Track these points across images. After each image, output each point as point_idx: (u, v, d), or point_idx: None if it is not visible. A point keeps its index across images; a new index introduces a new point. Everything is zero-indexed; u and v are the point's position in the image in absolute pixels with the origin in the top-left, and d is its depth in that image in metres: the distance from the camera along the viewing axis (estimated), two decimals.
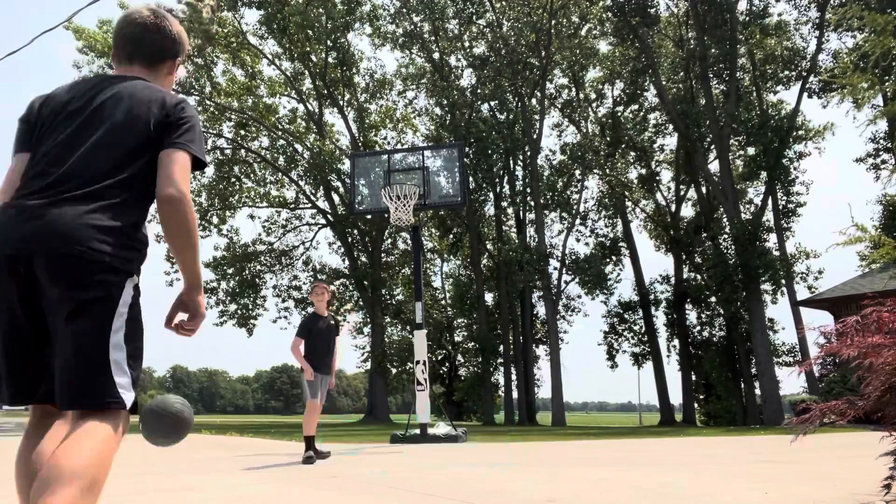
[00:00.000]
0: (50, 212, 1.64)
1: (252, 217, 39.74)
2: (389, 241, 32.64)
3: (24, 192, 1.72)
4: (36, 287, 1.64)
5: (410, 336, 30.48)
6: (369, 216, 26.03)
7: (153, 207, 1.88)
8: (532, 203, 29.60)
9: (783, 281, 25.39)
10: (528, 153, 29.39)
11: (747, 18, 27.32)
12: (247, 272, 30.53)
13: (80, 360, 1.59)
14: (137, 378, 1.68)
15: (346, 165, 26.58)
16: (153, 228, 32.68)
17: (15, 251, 1.63)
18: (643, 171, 33.93)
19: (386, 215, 10.90)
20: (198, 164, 1.85)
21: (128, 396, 1.63)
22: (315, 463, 5.43)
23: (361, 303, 31.34)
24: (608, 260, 32.76)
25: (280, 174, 31.18)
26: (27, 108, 1.93)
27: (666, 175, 34.49)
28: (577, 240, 33.97)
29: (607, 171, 30.34)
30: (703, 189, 30.40)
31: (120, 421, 1.63)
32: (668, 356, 31.57)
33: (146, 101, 1.81)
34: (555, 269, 30.04)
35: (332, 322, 5.99)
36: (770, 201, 27.81)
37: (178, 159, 1.77)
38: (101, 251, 1.64)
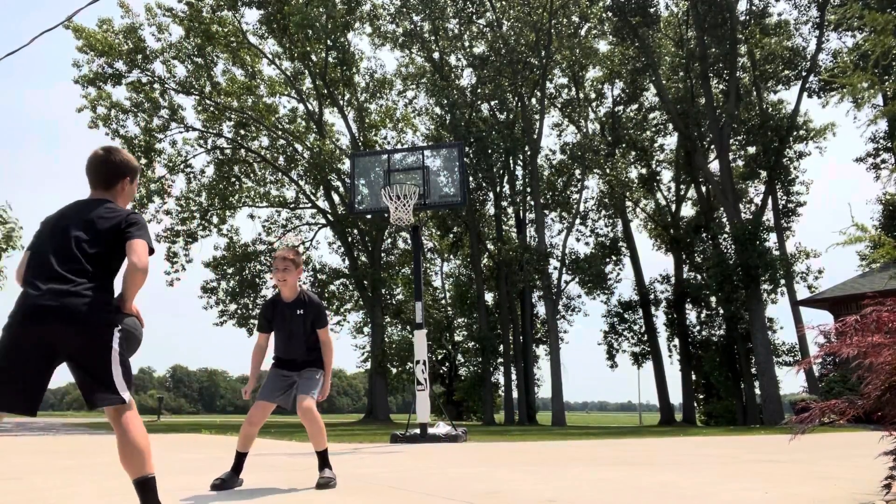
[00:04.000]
0: None
1: (252, 217, 39.89)
2: (389, 241, 32.64)
3: None
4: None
5: (410, 336, 30.48)
6: (369, 216, 26.03)
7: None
8: (532, 203, 29.60)
9: (783, 280, 25.39)
10: (528, 153, 29.39)
11: (747, 18, 27.31)
12: (247, 272, 30.51)
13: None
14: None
15: (346, 165, 26.58)
16: (153, 228, 32.63)
17: None
18: (643, 171, 33.94)
19: (386, 215, 10.90)
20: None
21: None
22: (225, 489, 3.74)
23: (361, 303, 31.37)
24: (608, 260, 32.75)
25: (280, 174, 31.17)
26: None
27: (666, 175, 34.52)
28: (577, 240, 34.00)
29: (607, 170, 30.34)
30: (703, 189, 30.41)
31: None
32: (669, 356, 31.60)
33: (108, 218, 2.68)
34: (555, 268, 30.05)
35: (307, 304, 4.10)
36: (770, 201, 27.81)
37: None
38: None
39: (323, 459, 3.97)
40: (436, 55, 29.98)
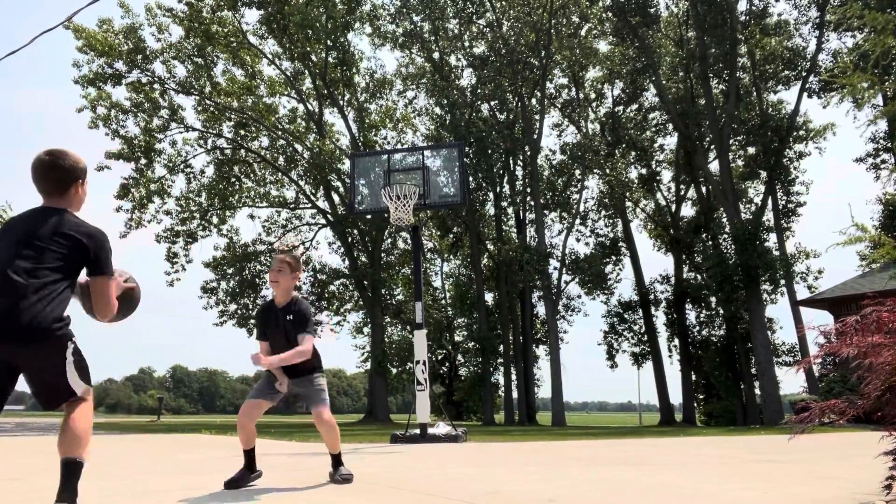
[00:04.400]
0: None
1: (252, 217, 39.87)
2: (389, 241, 32.63)
3: None
4: None
5: (410, 336, 30.48)
6: (369, 216, 26.03)
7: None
8: (532, 203, 29.60)
9: (783, 281, 25.40)
10: (528, 153, 29.39)
11: (747, 18, 27.31)
12: (247, 272, 30.51)
13: None
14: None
15: (346, 165, 26.58)
16: (153, 229, 32.56)
17: None
18: (643, 171, 33.94)
19: (386, 215, 10.90)
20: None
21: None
22: (239, 487, 3.79)
23: (361, 303, 31.36)
24: (608, 260, 32.77)
25: (280, 174, 31.17)
26: None
27: (666, 175, 34.53)
28: (577, 240, 34.01)
29: (607, 171, 30.35)
30: (703, 189, 30.41)
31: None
32: (669, 356, 31.59)
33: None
34: (555, 269, 30.07)
35: (295, 311, 4.00)
36: (770, 201, 27.81)
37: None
38: None
39: (337, 460, 4.13)
40: (436, 55, 29.98)
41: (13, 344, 2.35)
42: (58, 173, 2.64)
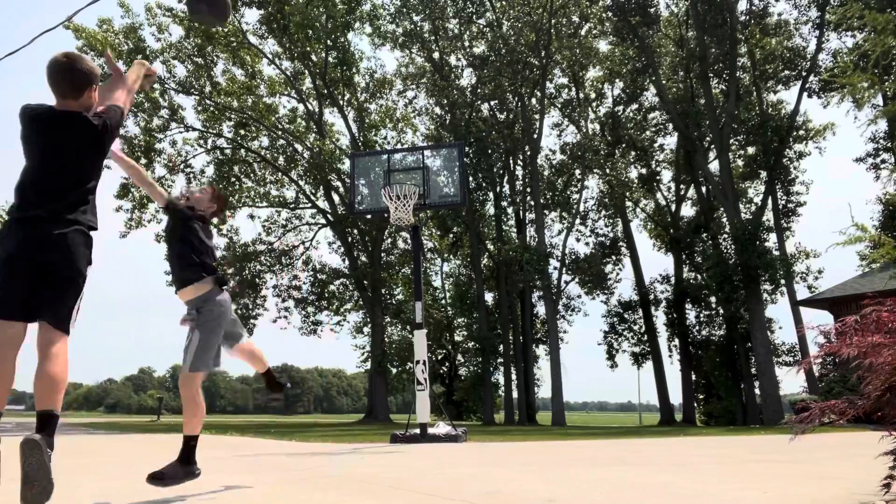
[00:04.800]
0: None
1: (252, 217, 39.82)
2: (389, 241, 32.63)
3: None
4: None
5: (410, 336, 30.48)
6: (369, 216, 26.02)
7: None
8: (532, 203, 29.60)
9: (783, 281, 25.40)
10: (528, 153, 29.38)
11: (747, 18, 27.31)
12: (247, 272, 30.51)
13: None
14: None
15: (346, 165, 26.57)
16: (153, 228, 32.54)
17: None
18: (643, 171, 33.93)
19: (386, 215, 10.90)
20: None
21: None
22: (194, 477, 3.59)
23: (361, 303, 31.35)
24: (608, 260, 32.76)
25: (280, 174, 31.16)
26: None
27: (666, 175, 34.52)
28: (577, 240, 34.00)
29: (607, 170, 30.34)
30: (703, 189, 30.40)
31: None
32: (669, 356, 31.59)
33: None
34: (555, 269, 30.06)
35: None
36: (770, 201, 27.81)
37: None
38: None
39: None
40: (436, 55, 29.97)
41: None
42: (76, 76, 2.71)
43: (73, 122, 2.70)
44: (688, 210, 33.69)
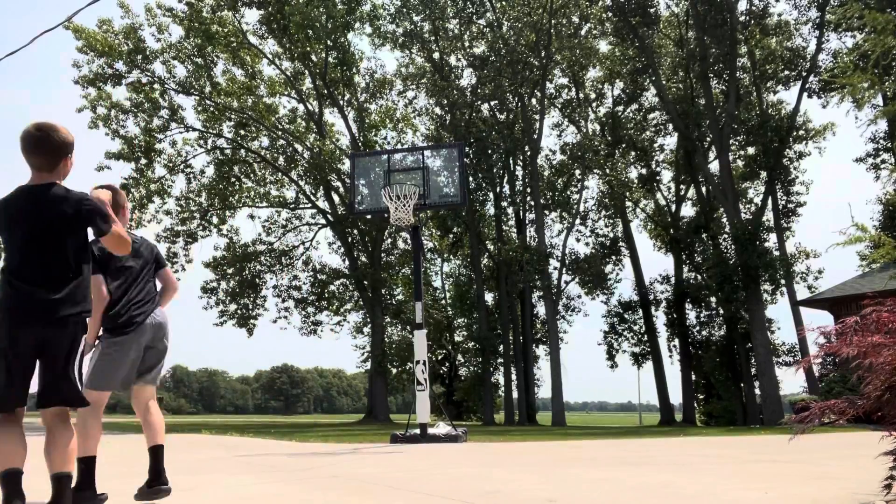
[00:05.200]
0: None
1: (252, 217, 39.85)
2: (389, 241, 32.63)
3: None
4: None
5: (410, 336, 30.47)
6: (369, 216, 26.01)
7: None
8: (532, 203, 29.60)
9: (783, 281, 25.39)
10: (528, 153, 29.38)
11: (747, 18, 27.30)
12: (247, 272, 30.51)
13: None
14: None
15: (346, 165, 26.56)
16: (153, 229, 32.55)
17: None
18: (643, 171, 33.92)
19: (386, 215, 10.90)
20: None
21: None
22: None
23: (361, 303, 31.35)
24: (608, 260, 32.75)
25: (280, 174, 31.17)
26: None
27: (666, 175, 34.50)
28: (577, 240, 33.97)
29: (607, 171, 30.33)
30: (703, 189, 30.39)
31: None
32: (669, 356, 31.58)
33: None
34: (555, 269, 30.04)
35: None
36: (770, 201, 27.80)
37: None
38: None
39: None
40: (436, 55, 29.97)
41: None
42: (49, 148, 2.70)
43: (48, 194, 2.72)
44: (688, 210, 33.70)
